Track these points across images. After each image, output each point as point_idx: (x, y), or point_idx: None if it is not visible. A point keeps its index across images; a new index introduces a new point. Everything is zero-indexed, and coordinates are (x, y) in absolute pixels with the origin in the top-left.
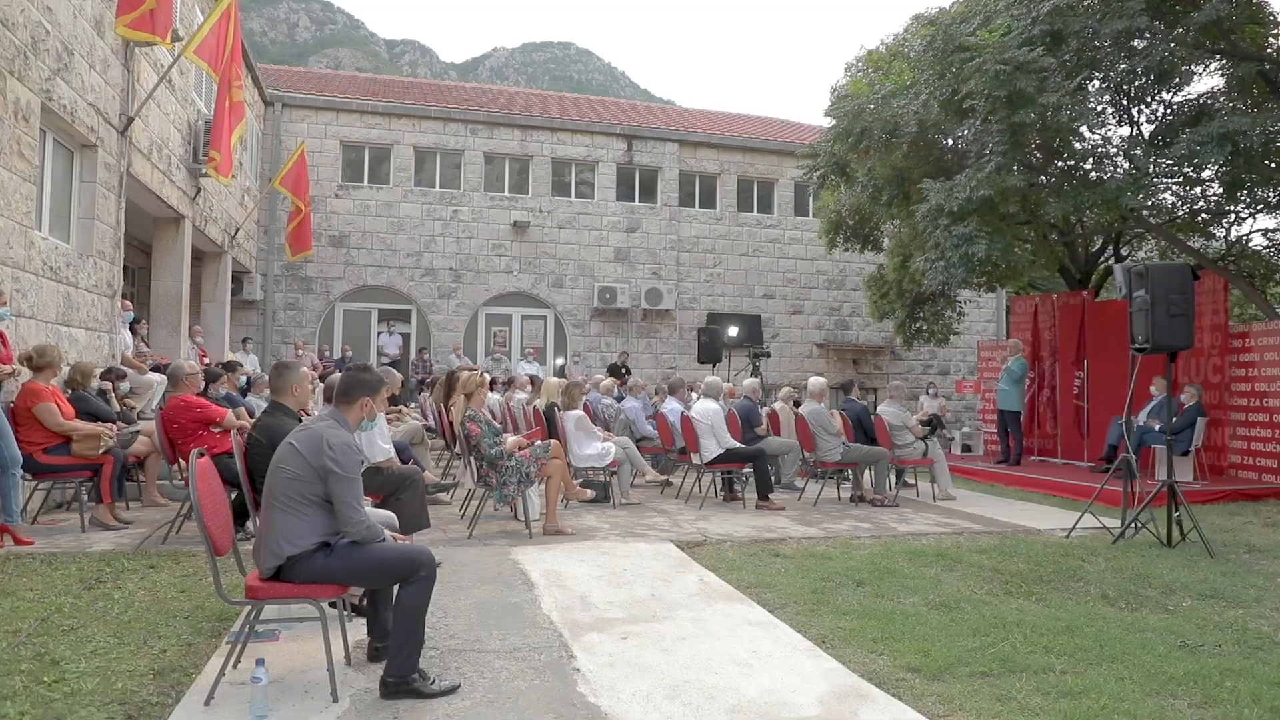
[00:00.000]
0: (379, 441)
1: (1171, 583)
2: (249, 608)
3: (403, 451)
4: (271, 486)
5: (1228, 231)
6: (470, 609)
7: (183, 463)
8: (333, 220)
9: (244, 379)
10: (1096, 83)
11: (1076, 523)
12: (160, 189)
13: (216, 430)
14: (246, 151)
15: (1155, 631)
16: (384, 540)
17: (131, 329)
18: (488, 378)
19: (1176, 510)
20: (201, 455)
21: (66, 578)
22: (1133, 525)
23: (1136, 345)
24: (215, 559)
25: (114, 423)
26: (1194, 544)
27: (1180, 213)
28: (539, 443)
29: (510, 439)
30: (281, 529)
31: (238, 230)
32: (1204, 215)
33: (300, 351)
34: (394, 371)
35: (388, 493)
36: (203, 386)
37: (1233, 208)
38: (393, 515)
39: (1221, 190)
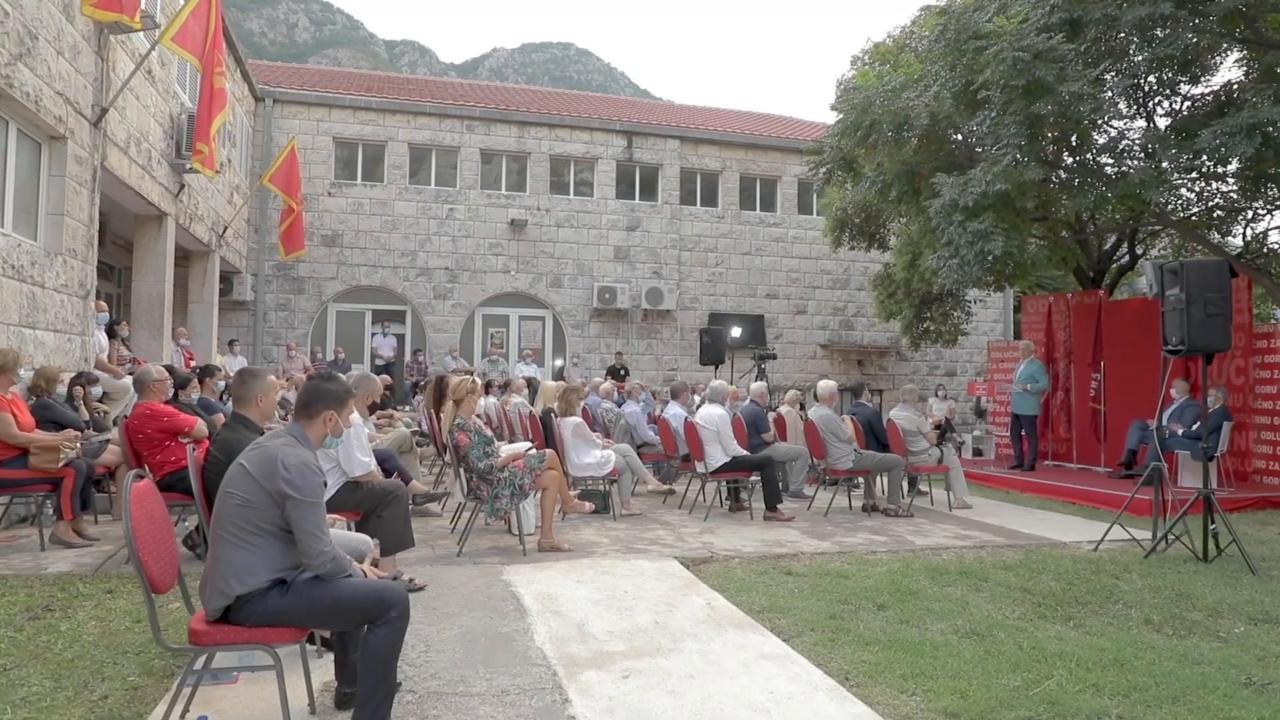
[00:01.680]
0: (357, 454)
1: (1216, 604)
2: (193, 654)
3: (386, 461)
4: (219, 514)
5: (1245, 229)
6: (455, 641)
7: (150, 476)
8: (325, 219)
9: (223, 384)
10: (1111, 75)
11: (1105, 535)
12: (139, 185)
13: (186, 440)
14: (236, 148)
15: (1212, 664)
16: (350, 575)
17: (111, 331)
18: (479, 383)
19: (1213, 522)
20: (140, 478)
21: (12, 606)
22: (1164, 538)
23: (1170, 347)
24: (154, 599)
25: (81, 431)
26: (1231, 558)
27: (1194, 210)
28: (533, 452)
29: (504, 449)
30: (229, 563)
31: (225, 229)
32: (1220, 212)
33: (293, 353)
34: (373, 377)
35: (368, 510)
36: (171, 393)
37: (1250, 204)
38: (366, 539)
39: (1239, 186)
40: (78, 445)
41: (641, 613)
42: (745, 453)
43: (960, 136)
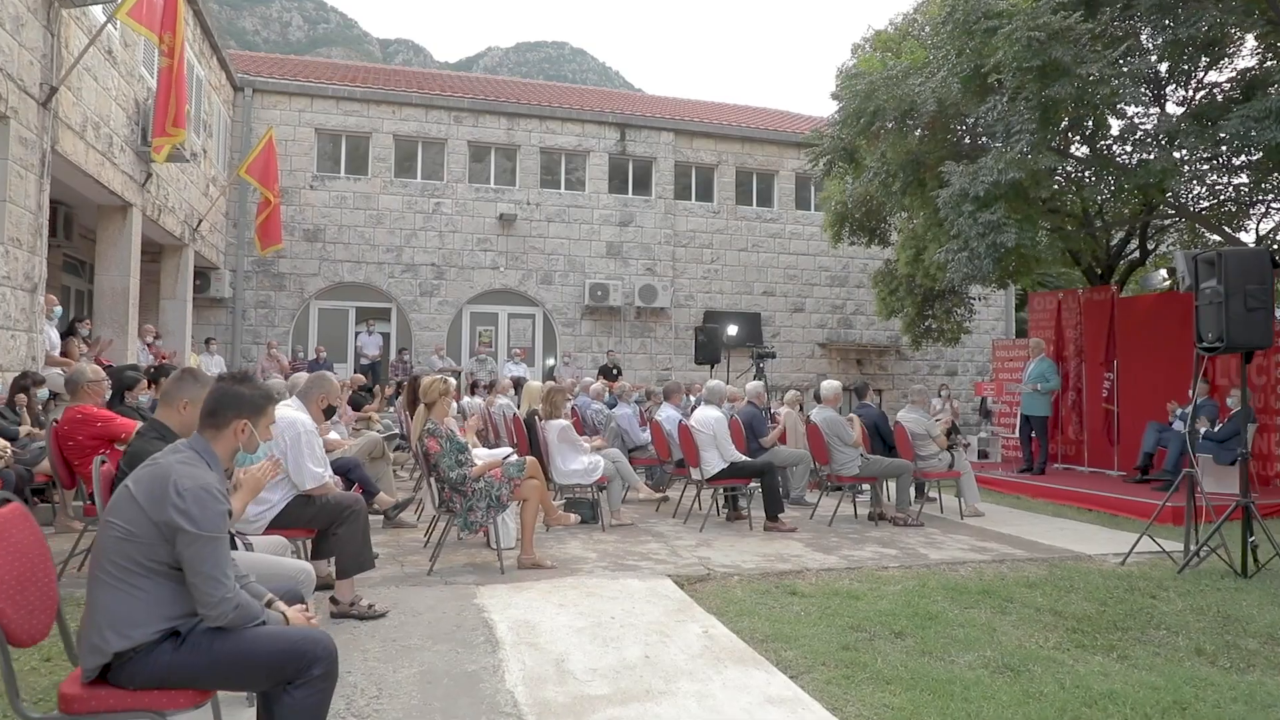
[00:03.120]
0: (308, 464)
1: (1270, 629)
2: None
3: (350, 472)
4: (97, 549)
5: (1258, 223)
6: (414, 682)
7: (85, 487)
8: (307, 213)
9: None
10: (1124, 60)
11: (1134, 547)
12: (99, 172)
13: (123, 448)
14: (212, 138)
15: None
16: (262, 622)
17: (72, 328)
18: (453, 384)
19: (1252, 534)
20: (5, 502)
21: None
22: (1198, 552)
23: (1205, 344)
24: (9, 653)
25: (13, 439)
26: (1272, 574)
27: (1205, 204)
28: (514, 459)
29: (479, 454)
30: (106, 612)
31: (200, 222)
32: (1230, 206)
33: (273, 352)
34: (329, 376)
35: (321, 527)
36: (108, 396)
37: (1263, 197)
38: (306, 569)
39: (1252, 178)
40: (8, 452)
41: (630, 644)
42: (744, 458)
43: (968, 125)
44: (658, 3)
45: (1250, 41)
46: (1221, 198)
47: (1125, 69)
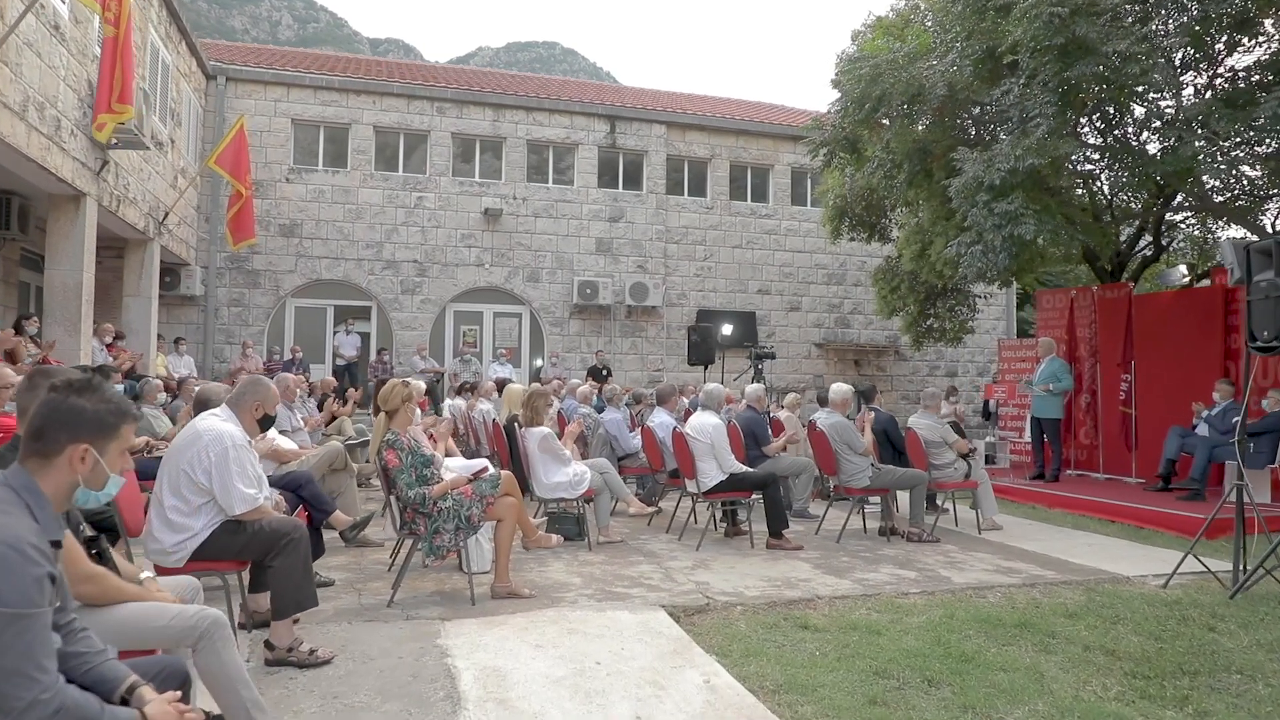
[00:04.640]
0: (237, 484)
1: None
2: None
3: (300, 488)
4: None
5: (1274, 219)
6: None
7: None
8: (283, 207)
9: (162, 394)
10: (1147, 41)
11: (1177, 567)
12: (43, 157)
13: None
14: (181, 127)
15: None
16: None
17: (17, 327)
18: (419, 388)
19: None
20: None
21: None
22: (1252, 574)
23: (1260, 343)
24: None
25: None
26: None
27: (1219, 197)
28: (490, 472)
29: (452, 465)
30: None
31: (166, 215)
32: (1243, 199)
33: (248, 352)
34: (265, 380)
35: (256, 558)
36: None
37: (1276, 191)
38: (211, 618)
39: (1265, 171)
40: None
41: (618, 699)
42: (745, 468)
43: (975, 114)
44: (650, 4)
45: (1269, 26)
46: (1235, 191)
47: (1155, 46)
